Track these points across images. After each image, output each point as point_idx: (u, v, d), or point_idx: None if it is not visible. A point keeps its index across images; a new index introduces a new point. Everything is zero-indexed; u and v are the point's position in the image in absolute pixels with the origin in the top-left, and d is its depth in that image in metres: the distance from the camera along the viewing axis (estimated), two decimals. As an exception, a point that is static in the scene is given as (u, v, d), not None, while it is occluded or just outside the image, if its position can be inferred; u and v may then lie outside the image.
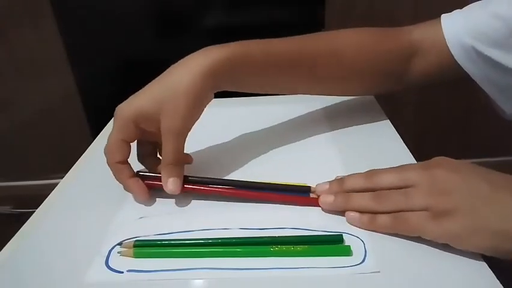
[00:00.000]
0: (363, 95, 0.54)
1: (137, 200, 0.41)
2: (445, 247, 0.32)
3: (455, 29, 0.47)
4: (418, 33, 0.50)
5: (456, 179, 0.33)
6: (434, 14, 0.90)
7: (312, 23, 0.93)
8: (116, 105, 0.63)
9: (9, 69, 0.97)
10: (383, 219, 0.34)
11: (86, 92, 1.00)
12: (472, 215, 0.31)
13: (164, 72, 0.42)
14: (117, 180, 0.41)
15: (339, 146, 0.49)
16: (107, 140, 0.41)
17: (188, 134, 0.43)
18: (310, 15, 0.93)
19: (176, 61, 0.42)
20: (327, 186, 0.39)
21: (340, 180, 0.39)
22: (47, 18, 0.91)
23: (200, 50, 0.42)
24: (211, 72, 0.40)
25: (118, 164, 0.41)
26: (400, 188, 0.35)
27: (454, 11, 0.49)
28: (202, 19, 0.91)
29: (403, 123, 0.52)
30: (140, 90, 0.42)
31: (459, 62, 0.47)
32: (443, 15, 0.49)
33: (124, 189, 0.42)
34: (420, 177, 0.34)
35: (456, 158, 0.34)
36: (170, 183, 0.39)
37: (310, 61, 0.46)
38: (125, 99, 0.57)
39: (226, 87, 0.43)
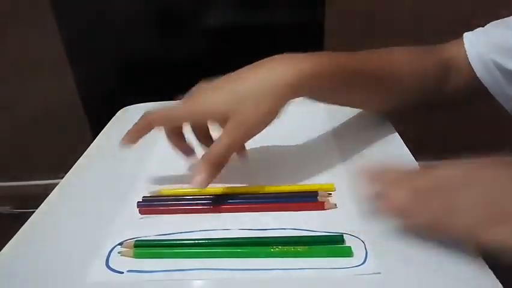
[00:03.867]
0: (402, 111, 0.53)
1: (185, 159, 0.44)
2: (446, 249, 0.32)
3: (476, 44, 0.48)
4: (447, 51, 0.50)
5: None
6: (433, 14, 0.90)
7: (312, 23, 0.93)
8: (116, 105, 0.64)
9: (9, 69, 0.97)
10: (424, 214, 0.32)
11: (86, 92, 1.00)
12: None
13: (241, 71, 0.41)
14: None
15: (340, 147, 0.49)
16: (172, 108, 0.41)
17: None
18: (310, 15, 0.93)
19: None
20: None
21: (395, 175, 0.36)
22: (47, 18, 0.91)
23: (284, 57, 0.40)
24: (296, 85, 0.39)
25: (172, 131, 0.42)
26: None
27: (477, 29, 0.50)
28: (202, 19, 0.91)
29: (403, 121, 0.52)
30: (213, 85, 0.40)
31: (479, 76, 0.48)
32: (465, 34, 0.50)
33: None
34: (475, 175, 0.32)
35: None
36: (201, 179, 0.38)
37: (377, 78, 0.46)
38: (125, 99, 0.57)
39: (301, 97, 0.41)
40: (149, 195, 0.42)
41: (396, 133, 0.51)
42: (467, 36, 0.49)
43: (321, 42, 0.94)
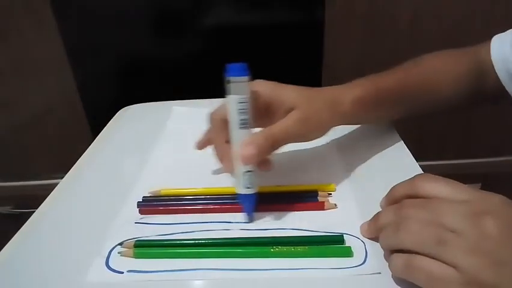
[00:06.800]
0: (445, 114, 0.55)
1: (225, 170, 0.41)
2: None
3: (502, 50, 0.48)
4: (483, 53, 0.50)
5: (510, 241, 0.26)
6: (434, 15, 0.90)
7: (312, 23, 0.93)
8: (116, 105, 0.64)
9: (9, 69, 0.96)
10: (395, 260, 0.29)
11: (86, 92, 1.00)
12: None
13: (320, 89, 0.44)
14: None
15: (340, 148, 0.49)
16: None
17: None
18: (310, 15, 0.93)
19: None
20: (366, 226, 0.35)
21: (375, 216, 0.35)
22: (47, 18, 0.91)
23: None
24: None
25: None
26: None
27: (508, 31, 0.49)
28: (202, 19, 0.91)
29: (403, 122, 0.52)
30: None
31: (503, 83, 0.48)
32: (495, 37, 0.50)
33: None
34: (465, 227, 0.27)
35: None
36: (250, 150, 0.36)
37: (413, 93, 0.48)
38: (125, 99, 0.57)
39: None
40: (149, 195, 0.42)
41: (397, 133, 0.51)
42: (495, 42, 0.49)
43: (321, 42, 0.94)
